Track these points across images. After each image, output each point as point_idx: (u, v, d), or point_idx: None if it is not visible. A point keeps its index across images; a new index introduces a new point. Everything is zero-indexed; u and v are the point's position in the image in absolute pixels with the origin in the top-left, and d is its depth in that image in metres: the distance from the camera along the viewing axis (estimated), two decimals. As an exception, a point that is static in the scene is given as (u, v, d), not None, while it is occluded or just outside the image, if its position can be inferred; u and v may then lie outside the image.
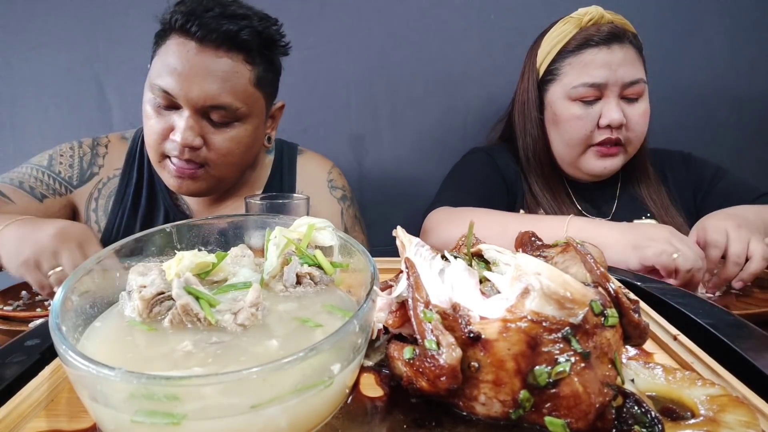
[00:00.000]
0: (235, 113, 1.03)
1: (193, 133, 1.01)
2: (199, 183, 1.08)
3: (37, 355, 0.46)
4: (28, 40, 1.58)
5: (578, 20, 1.18)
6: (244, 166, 1.15)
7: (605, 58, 1.14)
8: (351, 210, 1.29)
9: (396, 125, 1.68)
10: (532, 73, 1.25)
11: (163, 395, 0.32)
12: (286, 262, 0.52)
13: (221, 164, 1.07)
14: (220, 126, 1.04)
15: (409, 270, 0.43)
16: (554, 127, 1.23)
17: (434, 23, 1.61)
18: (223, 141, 1.05)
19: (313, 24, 1.59)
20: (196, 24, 0.98)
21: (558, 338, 0.36)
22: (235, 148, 1.07)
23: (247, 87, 1.04)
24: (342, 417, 0.38)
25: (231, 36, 0.99)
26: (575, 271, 0.44)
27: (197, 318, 0.42)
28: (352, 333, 0.38)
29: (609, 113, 1.14)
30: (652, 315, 0.55)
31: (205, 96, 0.99)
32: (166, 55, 1.01)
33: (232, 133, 1.06)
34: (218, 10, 1.00)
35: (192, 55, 0.99)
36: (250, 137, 1.09)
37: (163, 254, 0.54)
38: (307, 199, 0.90)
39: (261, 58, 1.06)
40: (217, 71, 1.00)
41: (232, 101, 1.02)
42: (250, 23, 1.02)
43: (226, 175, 1.11)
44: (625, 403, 0.36)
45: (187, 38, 1.00)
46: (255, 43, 1.03)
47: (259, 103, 1.09)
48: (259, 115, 1.10)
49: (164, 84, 1.00)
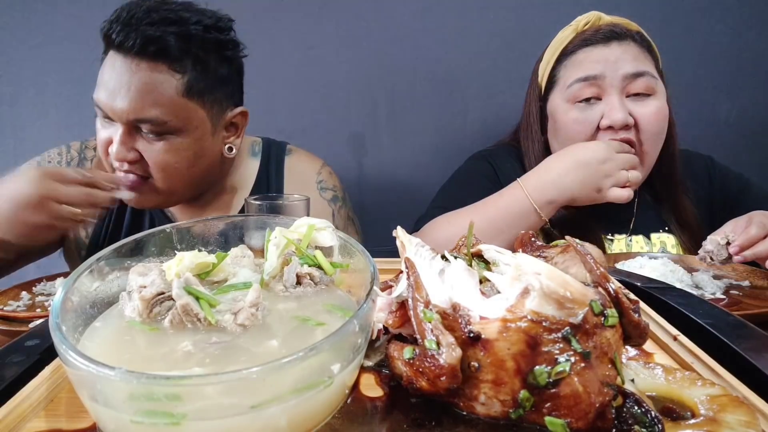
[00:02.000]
0: (165, 126, 0.97)
1: (125, 147, 0.97)
2: (145, 196, 1.03)
3: (37, 355, 0.46)
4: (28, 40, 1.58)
5: (575, 26, 1.14)
6: (197, 179, 1.08)
7: (601, 54, 1.07)
8: (343, 211, 1.25)
9: (396, 125, 1.68)
10: (534, 90, 1.20)
11: (163, 395, 0.32)
12: (286, 263, 0.52)
13: (162, 177, 1.02)
14: (153, 139, 0.99)
15: (409, 270, 0.43)
16: (555, 137, 1.16)
17: (434, 23, 1.61)
18: (157, 154, 0.99)
19: (313, 24, 1.59)
20: (116, 32, 0.94)
21: (558, 338, 0.36)
22: (171, 161, 1.01)
23: (175, 98, 0.97)
24: (342, 417, 0.38)
25: (151, 42, 0.93)
26: (575, 271, 0.44)
27: (197, 318, 0.42)
28: (351, 333, 0.38)
29: (610, 112, 1.04)
30: (652, 315, 0.55)
31: (129, 110, 0.95)
32: (102, 69, 0.99)
33: (166, 147, 0.99)
34: (140, 15, 0.94)
35: (117, 67, 0.95)
36: (188, 150, 1.02)
37: (163, 254, 0.54)
38: (307, 200, 0.90)
39: (194, 64, 0.98)
40: (139, 83, 0.94)
41: (157, 114, 0.95)
42: (179, 28, 0.95)
43: (173, 189, 1.05)
44: (625, 403, 0.36)
45: (115, 51, 0.96)
46: (182, 49, 0.96)
47: (195, 114, 1.01)
48: (200, 126, 1.02)
49: (97, 98, 0.98)
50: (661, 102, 1.09)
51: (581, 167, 1.01)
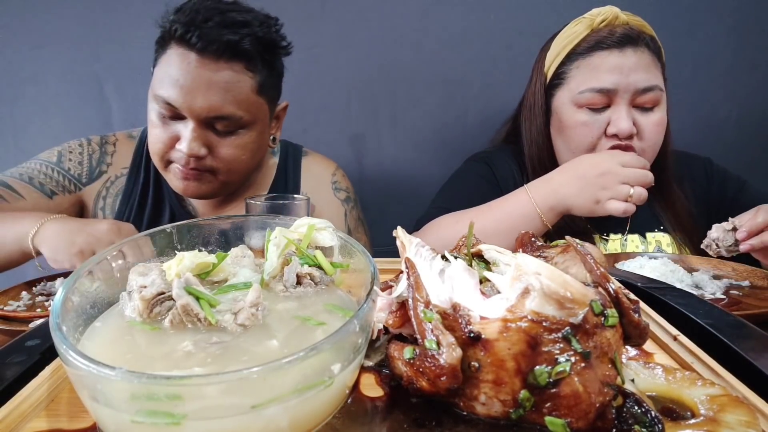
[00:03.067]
0: (239, 122, 1.04)
1: (198, 143, 1.02)
2: (205, 185, 1.08)
3: (37, 355, 0.46)
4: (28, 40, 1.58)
5: (590, 21, 1.11)
6: (251, 170, 1.16)
7: (616, 62, 1.06)
8: (354, 212, 1.29)
9: (396, 125, 1.68)
10: (540, 77, 1.19)
11: (164, 395, 0.32)
12: (287, 263, 0.52)
13: (227, 171, 1.08)
14: (225, 135, 1.05)
15: (409, 270, 0.43)
16: (560, 134, 1.17)
17: (434, 23, 1.61)
18: (228, 149, 1.05)
19: (313, 24, 1.60)
20: (195, 35, 0.97)
21: (558, 338, 0.36)
22: (240, 155, 1.07)
23: (250, 95, 1.04)
24: (342, 417, 0.38)
25: (231, 46, 0.98)
26: (575, 271, 0.44)
27: (197, 318, 0.42)
28: (352, 333, 0.38)
29: (618, 122, 1.06)
30: (652, 315, 0.55)
31: (208, 108, 0.99)
32: (167, 66, 1.00)
33: (237, 141, 1.06)
34: (218, 18, 0.98)
35: (193, 66, 0.98)
36: (254, 143, 1.10)
37: (163, 254, 0.54)
38: (307, 200, 0.90)
39: (263, 64, 1.05)
40: (219, 82, 0.99)
41: (235, 111, 1.02)
42: (250, 30, 1.01)
43: (232, 180, 1.12)
44: (625, 403, 0.36)
45: (187, 49, 0.99)
46: (256, 51, 1.02)
47: (262, 109, 1.09)
48: (264, 120, 1.11)
49: (167, 96, 0.99)
50: (662, 113, 1.11)
51: (578, 179, 1.01)
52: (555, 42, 1.17)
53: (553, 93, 1.17)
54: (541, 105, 1.19)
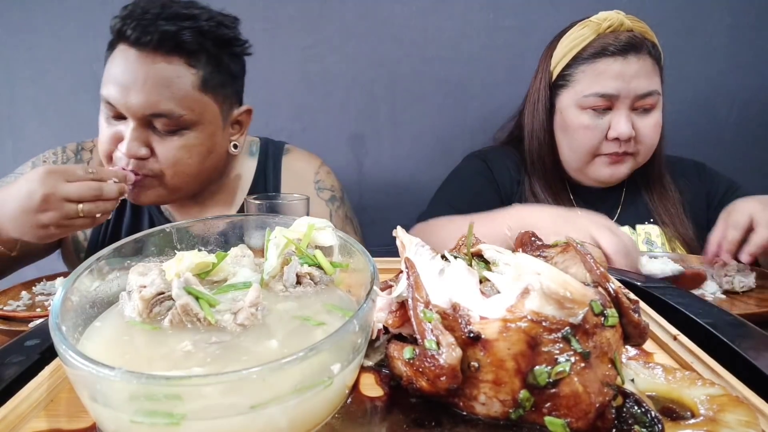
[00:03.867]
0: (180, 121, 0.98)
1: (137, 143, 0.97)
2: (150, 192, 1.03)
3: (36, 355, 0.46)
4: (27, 40, 1.58)
5: (597, 25, 1.15)
6: (204, 175, 1.09)
7: (619, 69, 1.11)
8: (341, 211, 1.25)
9: (396, 125, 1.68)
10: (546, 75, 1.23)
11: (163, 395, 0.32)
12: (286, 262, 0.52)
13: (173, 174, 1.02)
14: (166, 135, 0.99)
15: (409, 270, 0.43)
16: (563, 133, 1.21)
17: (434, 23, 1.61)
18: (169, 150, 1.00)
19: (313, 24, 1.59)
20: (131, 27, 0.94)
21: (558, 338, 0.36)
22: (185, 157, 1.01)
23: (191, 92, 0.98)
24: (342, 417, 0.38)
25: (168, 37, 0.94)
26: (575, 271, 0.44)
27: (197, 318, 0.42)
28: (351, 333, 0.38)
29: (618, 126, 1.12)
30: (651, 315, 0.55)
31: (144, 104, 0.95)
32: (110, 65, 0.98)
33: (179, 142, 1.00)
34: (156, 11, 0.95)
35: (131, 62, 0.95)
36: (202, 145, 1.03)
37: (162, 254, 0.54)
38: (307, 199, 0.90)
39: (207, 60, 1.00)
40: (156, 77, 0.95)
41: (173, 108, 0.96)
42: (194, 23, 0.97)
43: (181, 186, 1.05)
44: (625, 403, 0.36)
45: (127, 45, 0.96)
46: (197, 44, 0.97)
47: (209, 108, 1.02)
48: (213, 121, 1.04)
49: (107, 94, 0.97)
50: (659, 115, 1.17)
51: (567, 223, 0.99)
52: (562, 43, 1.20)
53: (558, 93, 1.21)
54: (545, 102, 1.22)
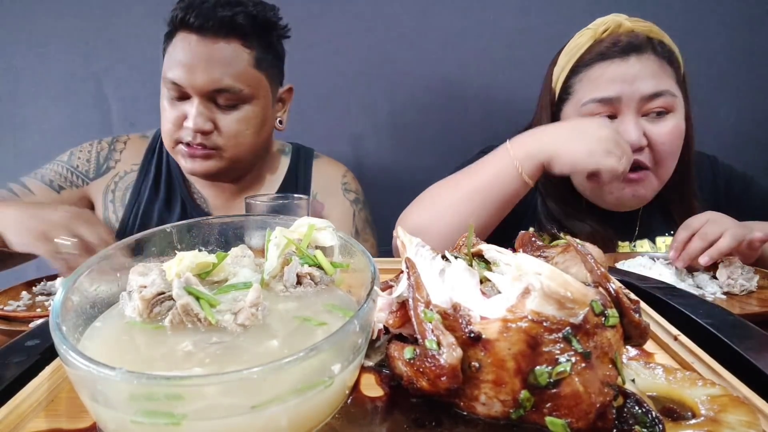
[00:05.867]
0: (239, 95, 1.10)
1: (203, 118, 1.09)
2: (212, 162, 1.14)
3: (37, 355, 0.46)
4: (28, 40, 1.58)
5: (593, 32, 1.08)
6: (257, 147, 1.20)
7: (618, 71, 1.02)
8: (363, 213, 1.33)
9: (396, 125, 1.68)
10: (548, 93, 1.16)
11: (164, 395, 0.32)
12: (287, 263, 0.52)
13: (233, 146, 1.13)
14: (228, 109, 1.11)
15: (409, 270, 0.43)
16: None
17: (434, 23, 1.61)
18: (231, 123, 1.12)
19: (313, 24, 1.60)
20: (193, 15, 1.06)
21: (558, 338, 0.35)
22: (244, 129, 1.13)
23: (248, 69, 1.11)
24: (342, 417, 0.38)
25: (226, 22, 1.07)
26: (575, 271, 0.44)
27: (197, 318, 0.42)
28: (352, 333, 0.38)
29: (625, 134, 1.00)
30: (652, 315, 0.55)
31: (209, 81, 1.07)
32: (173, 51, 1.10)
33: (239, 115, 1.12)
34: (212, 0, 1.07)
35: (194, 45, 1.07)
36: (257, 118, 1.15)
37: (163, 254, 0.54)
38: (307, 199, 0.90)
39: (258, 41, 1.12)
40: (218, 57, 1.07)
41: (234, 83, 1.09)
42: (244, 8, 1.09)
43: (239, 157, 1.16)
44: (625, 403, 0.36)
45: (188, 32, 1.08)
46: (250, 27, 1.10)
47: (262, 84, 1.15)
48: (265, 96, 1.16)
49: (173, 76, 1.08)
50: (678, 119, 1.06)
51: (573, 130, 0.97)
52: (561, 56, 1.14)
53: (561, 107, 1.14)
54: (547, 120, 1.15)
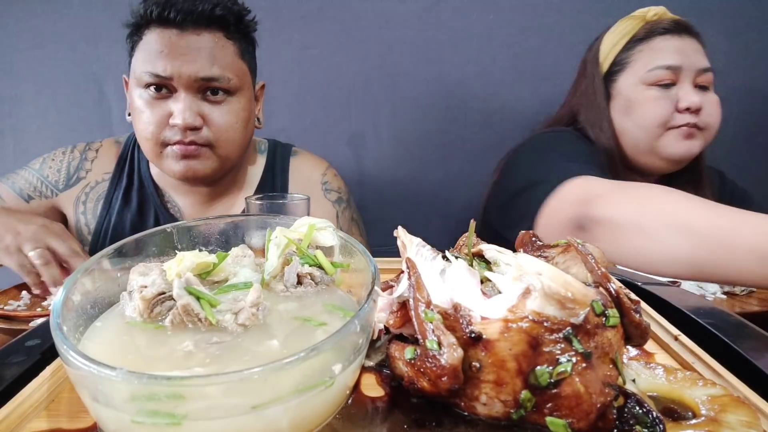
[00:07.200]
0: (228, 86, 1.04)
1: (192, 112, 1.01)
2: (205, 162, 1.07)
3: (37, 355, 0.46)
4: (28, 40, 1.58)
5: (642, 16, 1.20)
6: (245, 144, 1.15)
7: (677, 44, 1.17)
8: (347, 212, 1.27)
9: (396, 125, 1.68)
10: (596, 69, 1.25)
11: (164, 395, 0.32)
12: (287, 262, 0.52)
13: (224, 141, 1.07)
14: (216, 102, 1.05)
15: (410, 270, 0.43)
16: (627, 115, 1.22)
17: (434, 23, 1.61)
18: (221, 116, 1.06)
19: (313, 24, 1.59)
20: (173, 10, 0.99)
21: (559, 338, 0.35)
22: (234, 122, 1.07)
23: (234, 59, 1.06)
24: (343, 417, 0.38)
25: (207, 15, 1.02)
26: (576, 271, 0.44)
27: (198, 318, 0.42)
28: (353, 333, 0.38)
29: (687, 97, 1.15)
30: (653, 315, 0.55)
31: (197, 70, 1.00)
32: (148, 46, 1.02)
33: (228, 108, 1.07)
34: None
35: (175, 38, 1.00)
36: (245, 111, 1.10)
37: (163, 254, 0.54)
38: (307, 199, 0.90)
39: (238, 32, 1.09)
40: (203, 48, 1.01)
41: (223, 73, 1.03)
42: (223, 2, 1.05)
43: (230, 154, 1.11)
44: (626, 404, 0.36)
45: (165, 27, 1.01)
46: (231, 19, 1.06)
47: (247, 77, 1.11)
48: (249, 89, 1.12)
49: (153, 69, 1.00)
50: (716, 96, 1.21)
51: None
52: (606, 38, 1.24)
53: (614, 79, 1.24)
54: (602, 93, 1.24)
